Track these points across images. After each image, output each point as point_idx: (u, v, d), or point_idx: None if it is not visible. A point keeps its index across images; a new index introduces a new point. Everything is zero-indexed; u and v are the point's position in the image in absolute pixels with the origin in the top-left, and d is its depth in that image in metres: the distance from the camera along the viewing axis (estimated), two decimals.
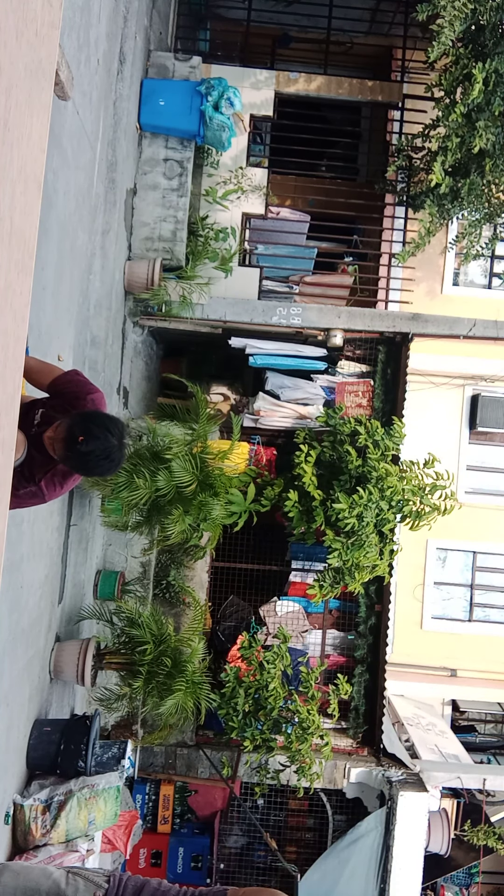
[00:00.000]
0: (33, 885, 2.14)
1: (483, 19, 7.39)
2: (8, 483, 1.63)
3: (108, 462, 2.82)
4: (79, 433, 2.74)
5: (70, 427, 2.78)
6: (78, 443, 2.74)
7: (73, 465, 2.83)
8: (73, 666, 6.48)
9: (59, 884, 2.15)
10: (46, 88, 1.65)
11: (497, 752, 11.52)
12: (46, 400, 3.08)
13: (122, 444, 2.86)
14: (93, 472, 2.87)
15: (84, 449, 2.74)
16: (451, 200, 8.32)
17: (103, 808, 5.78)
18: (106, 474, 2.98)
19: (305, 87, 10.42)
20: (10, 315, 1.51)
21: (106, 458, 2.80)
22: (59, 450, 2.81)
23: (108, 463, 2.83)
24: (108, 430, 2.78)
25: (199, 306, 8.93)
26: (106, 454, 2.78)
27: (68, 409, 2.94)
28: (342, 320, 9.16)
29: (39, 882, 2.15)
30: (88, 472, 2.88)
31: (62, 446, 2.79)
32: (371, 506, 7.82)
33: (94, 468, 2.83)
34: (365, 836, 8.78)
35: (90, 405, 2.95)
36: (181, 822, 9.37)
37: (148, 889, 2.15)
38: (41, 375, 3.04)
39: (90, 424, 2.78)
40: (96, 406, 2.99)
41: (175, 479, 6.87)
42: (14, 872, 2.21)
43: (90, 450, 2.74)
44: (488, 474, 10.16)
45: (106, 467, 2.84)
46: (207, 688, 6.91)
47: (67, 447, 2.77)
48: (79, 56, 5.72)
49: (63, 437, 2.78)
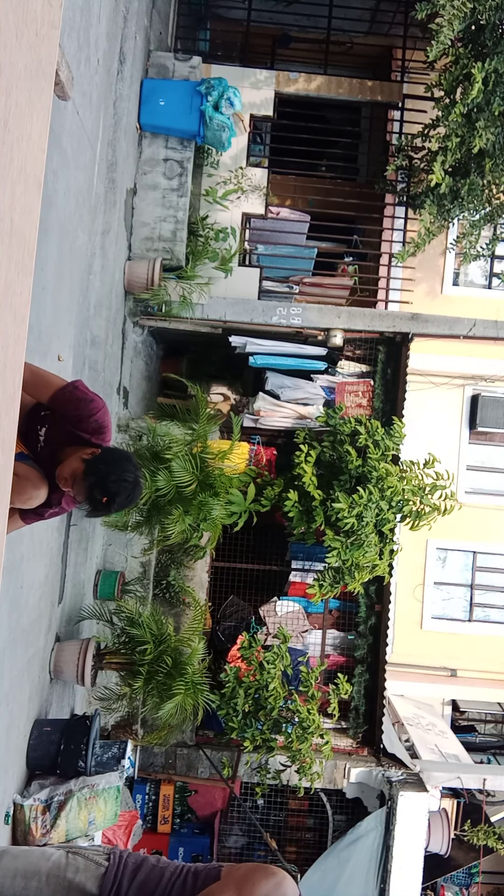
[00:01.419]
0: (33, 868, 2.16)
1: (483, 19, 7.39)
2: (8, 483, 1.63)
3: (125, 500, 2.90)
4: (100, 496, 2.79)
5: (90, 489, 2.80)
6: (101, 503, 2.82)
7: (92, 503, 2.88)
8: (73, 666, 6.48)
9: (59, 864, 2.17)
10: (46, 88, 1.65)
11: (497, 752, 11.52)
12: (46, 415, 3.02)
13: (138, 482, 2.92)
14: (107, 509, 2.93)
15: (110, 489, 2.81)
16: (451, 200, 8.32)
17: (103, 808, 5.78)
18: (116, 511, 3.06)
19: (305, 87, 10.42)
20: (10, 315, 1.51)
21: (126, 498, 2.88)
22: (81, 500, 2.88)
23: (125, 501, 2.91)
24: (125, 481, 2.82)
25: (199, 306, 8.93)
26: (126, 494, 2.86)
27: (72, 431, 2.91)
28: (342, 320, 9.16)
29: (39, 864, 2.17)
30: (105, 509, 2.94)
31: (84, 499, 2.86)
32: (371, 506, 7.82)
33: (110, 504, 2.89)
34: (365, 836, 8.78)
35: (94, 426, 2.92)
36: (181, 822, 9.37)
37: (147, 865, 2.18)
38: (38, 390, 2.97)
39: (109, 484, 2.80)
40: (101, 426, 2.94)
41: (175, 479, 6.87)
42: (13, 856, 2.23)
43: (114, 491, 2.81)
44: (488, 474, 10.16)
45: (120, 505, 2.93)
46: (207, 688, 6.91)
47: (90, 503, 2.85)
48: (79, 56, 5.72)
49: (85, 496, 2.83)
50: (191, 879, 2.14)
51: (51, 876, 2.13)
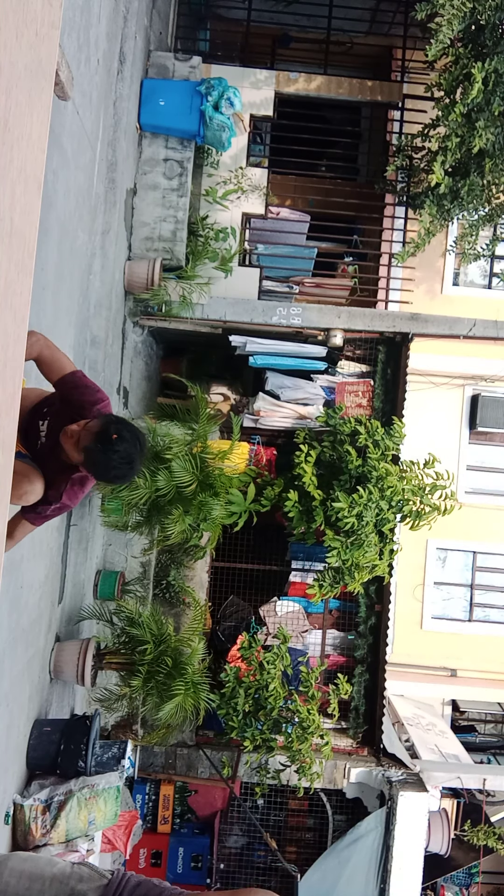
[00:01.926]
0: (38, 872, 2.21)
1: (482, 19, 7.39)
2: (8, 483, 1.63)
3: (129, 468, 2.88)
4: (113, 432, 2.81)
5: (106, 423, 2.84)
6: (111, 441, 2.80)
7: (95, 459, 2.85)
8: (73, 666, 6.48)
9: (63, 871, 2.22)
10: (46, 88, 1.65)
11: (497, 752, 11.52)
12: (49, 410, 3.09)
13: (143, 457, 2.93)
14: (110, 472, 2.90)
15: (115, 447, 2.80)
16: (450, 200, 8.32)
17: (103, 808, 5.78)
18: (118, 479, 3.01)
19: (305, 87, 10.42)
20: (10, 315, 1.51)
21: (128, 464, 2.85)
22: (87, 441, 2.83)
23: (128, 469, 2.88)
24: (137, 439, 2.87)
25: (199, 306, 8.93)
26: (129, 459, 2.84)
27: (76, 419, 2.94)
28: (342, 320, 9.16)
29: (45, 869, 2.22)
30: (106, 471, 2.90)
31: (91, 438, 2.82)
32: (371, 505, 7.82)
33: (112, 469, 2.87)
34: (365, 836, 8.78)
35: (97, 415, 2.96)
36: (181, 822, 9.37)
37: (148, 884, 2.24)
38: (51, 369, 3.06)
39: (123, 428, 2.85)
40: None
41: (175, 479, 6.87)
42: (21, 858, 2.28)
43: (118, 449, 2.80)
44: (488, 474, 10.16)
45: (123, 472, 2.90)
46: (207, 688, 6.91)
47: (98, 440, 2.81)
48: (79, 56, 5.72)
49: (96, 432, 2.82)
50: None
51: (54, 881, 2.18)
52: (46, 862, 2.27)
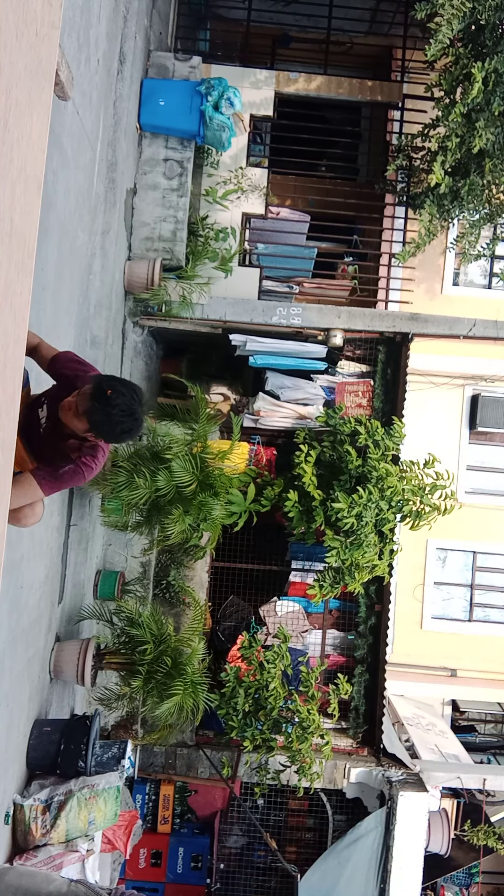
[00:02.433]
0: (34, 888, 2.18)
1: (482, 18, 7.39)
2: (8, 483, 1.63)
3: (132, 420, 2.94)
4: (107, 387, 2.90)
5: (98, 383, 2.93)
6: (107, 396, 2.87)
7: (97, 419, 2.91)
8: (73, 666, 6.48)
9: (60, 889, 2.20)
10: (46, 88, 1.65)
11: (497, 752, 11.52)
12: (46, 397, 3.16)
13: (141, 406, 3.01)
14: (115, 428, 2.95)
15: (112, 401, 2.87)
16: (450, 200, 8.32)
17: (103, 808, 5.78)
18: (126, 434, 3.04)
19: (305, 86, 10.42)
20: (10, 315, 1.51)
21: (130, 415, 2.92)
22: (84, 404, 2.90)
23: (131, 420, 2.94)
24: (132, 391, 2.96)
25: (199, 306, 8.93)
26: (130, 410, 2.91)
27: (71, 391, 3.03)
28: (342, 320, 9.16)
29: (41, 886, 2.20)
30: (111, 427, 2.95)
31: (87, 399, 2.89)
32: (371, 505, 7.82)
33: (116, 423, 2.92)
34: (365, 837, 8.77)
35: None
36: (181, 822, 9.37)
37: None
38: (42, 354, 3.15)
39: (116, 382, 2.96)
40: None
41: (175, 479, 6.87)
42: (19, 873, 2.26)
43: (116, 403, 2.87)
44: (488, 474, 10.16)
45: (128, 425, 2.95)
46: (207, 688, 6.91)
47: (95, 398, 2.88)
48: (79, 56, 5.72)
49: (90, 392, 2.90)
50: None
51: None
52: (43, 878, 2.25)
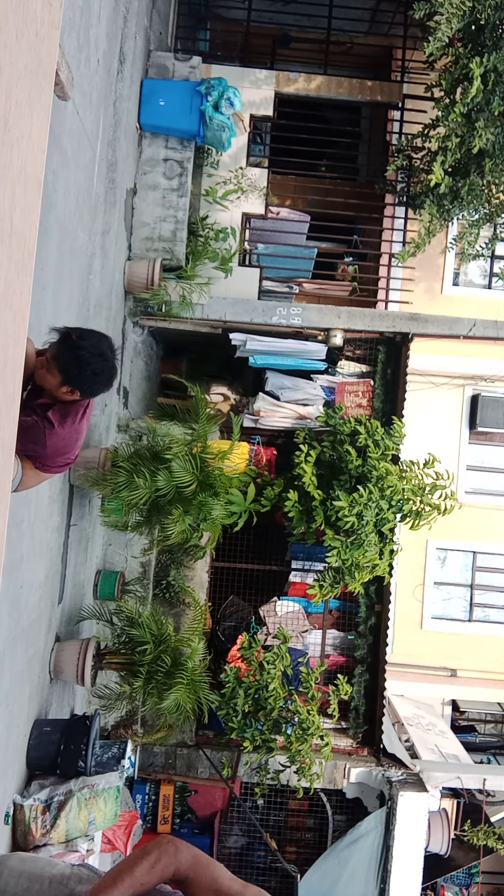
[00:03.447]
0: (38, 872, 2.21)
1: (482, 18, 7.38)
2: (8, 483, 1.63)
3: (101, 360, 2.92)
4: (73, 333, 2.91)
5: (64, 333, 2.93)
6: (73, 339, 2.88)
7: (67, 363, 2.89)
8: (73, 666, 6.48)
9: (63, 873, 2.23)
10: (46, 88, 1.65)
11: (497, 752, 11.52)
12: None
13: (112, 352, 2.98)
14: (85, 369, 2.92)
15: (78, 343, 2.87)
16: (450, 200, 8.32)
17: (103, 808, 5.78)
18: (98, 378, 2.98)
19: (305, 86, 10.42)
20: (10, 315, 1.51)
21: (99, 356, 2.90)
22: (52, 350, 2.90)
23: (101, 361, 2.92)
24: (100, 336, 2.97)
25: (199, 306, 8.93)
26: (98, 351, 2.90)
27: None
28: (342, 320, 9.16)
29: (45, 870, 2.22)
30: (81, 368, 2.91)
31: (55, 346, 2.89)
32: (371, 505, 7.82)
33: (86, 364, 2.90)
34: (365, 837, 8.78)
35: None
36: (181, 822, 9.37)
37: None
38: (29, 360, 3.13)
39: (82, 329, 2.97)
40: None
41: (175, 479, 6.87)
42: (21, 859, 2.28)
43: (83, 344, 2.88)
44: (488, 474, 10.16)
45: (99, 366, 2.93)
46: (207, 687, 6.91)
47: (62, 342, 2.89)
48: (79, 56, 5.72)
49: (58, 341, 2.90)
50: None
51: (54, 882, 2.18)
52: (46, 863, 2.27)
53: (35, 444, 3.05)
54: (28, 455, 3.09)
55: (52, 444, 3.07)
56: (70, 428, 3.10)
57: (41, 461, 3.13)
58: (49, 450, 3.08)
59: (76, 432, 3.15)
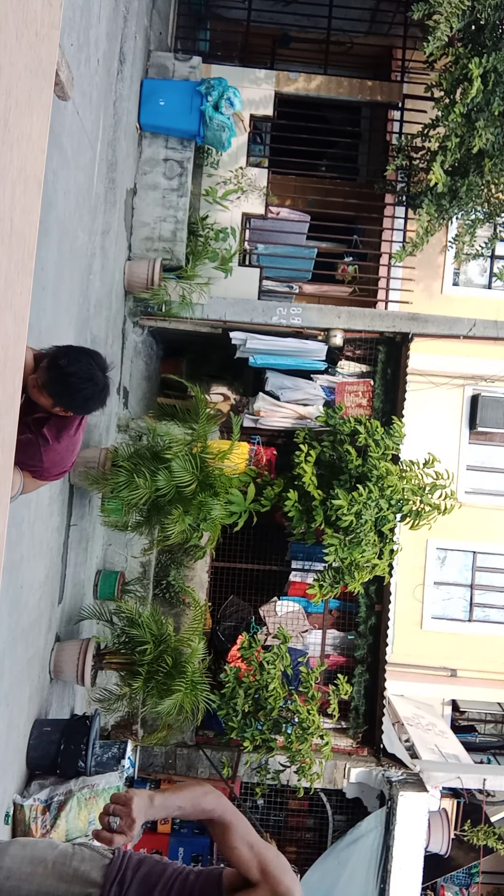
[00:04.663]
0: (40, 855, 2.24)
1: (482, 18, 7.38)
2: (8, 483, 1.63)
3: (91, 385, 2.85)
4: (61, 356, 2.83)
5: (53, 355, 2.85)
6: (61, 366, 2.79)
7: (58, 389, 2.83)
8: (73, 666, 6.48)
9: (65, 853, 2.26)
10: (46, 88, 1.65)
11: (497, 752, 11.52)
12: None
13: (104, 372, 2.91)
14: (76, 396, 2.87)
15: (67, 369, 2.79)
16: (449, 200, 8.32)
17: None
18: (90, 402, 2.94)
19: (305, 86, 10.42)
20: (10, 315, 1.51)
21: (89, 381, 2.84)
22: (42, 377, 2.82)
23: (91, 386, 2.85)
24: (90, 357, 2.88)
25: (199, 306, 8.93)
26: (88, 376, 2.83)
27: None
28: (342, 320, 9.16)
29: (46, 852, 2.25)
30: (72, 396, 2.86)
31: (45, 373, 2.81)
32: (370, 504, 7.82)
33: (77, 391, 2.85)
34: (365, 837, 8.78)
35: None
36: (181, 822, 9.37)
37: (150, 860, 2.30)
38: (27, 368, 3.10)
39: (71, 350, 2.88)
40: None
41: (175, 479, 6.87)
42: (21, 844, 2.31)
43: (73, 371, 2.79)
44: (488, 474, 10.16)
45: (90, 391, 2.87)
46: (207, 688, 6.91)
47: (50, 370, 2.80)
48: (79, 56, 5.72)
49: (47, 366, 2.82)
50: (192, 877, 2.23)
51: (56, 863, 2.21)
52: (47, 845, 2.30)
53: (31, 460, 3.04)
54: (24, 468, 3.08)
55: (48, 459, 3.06)
56: (66, 441, 3.08)
57: (38, 473, 3.12)
58: (46, 464, 3.06)
59: (73, 444, 3.13)
